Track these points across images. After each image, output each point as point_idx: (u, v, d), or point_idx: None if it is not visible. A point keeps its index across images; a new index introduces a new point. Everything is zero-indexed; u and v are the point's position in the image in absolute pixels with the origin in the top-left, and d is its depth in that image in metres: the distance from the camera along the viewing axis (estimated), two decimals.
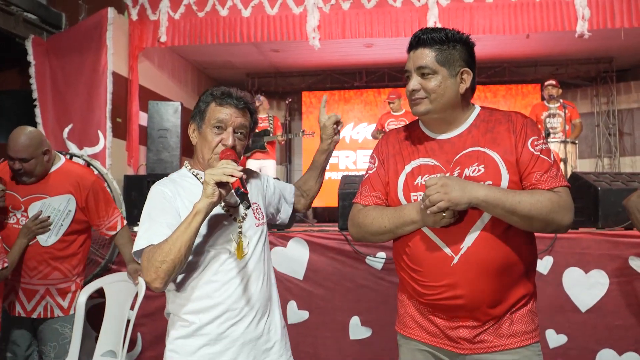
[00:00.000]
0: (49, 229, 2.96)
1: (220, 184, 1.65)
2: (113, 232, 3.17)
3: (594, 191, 3.59)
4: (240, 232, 1.84)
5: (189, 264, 1.77)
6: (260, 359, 1.86)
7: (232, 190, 1.67)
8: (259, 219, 1.94)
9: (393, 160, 1.87)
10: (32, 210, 2.95)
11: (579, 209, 3.71)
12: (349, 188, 3.74)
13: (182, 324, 1.82)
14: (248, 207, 1.65)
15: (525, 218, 1.62)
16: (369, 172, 1.93)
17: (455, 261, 1.67)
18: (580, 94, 9.22)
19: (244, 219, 1.87)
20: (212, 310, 1.80)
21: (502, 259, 1.67)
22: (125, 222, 3.23)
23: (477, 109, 1.84)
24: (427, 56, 1.75)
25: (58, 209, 2.97)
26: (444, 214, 1.63)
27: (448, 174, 1.73)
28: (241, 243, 1.82)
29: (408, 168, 1.81)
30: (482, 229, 1.67)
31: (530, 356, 1.73)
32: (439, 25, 5.42)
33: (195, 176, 1.89)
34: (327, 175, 2.60)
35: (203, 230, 1.77)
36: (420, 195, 1.73)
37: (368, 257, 3.55)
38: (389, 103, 7.29)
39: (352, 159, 9.33)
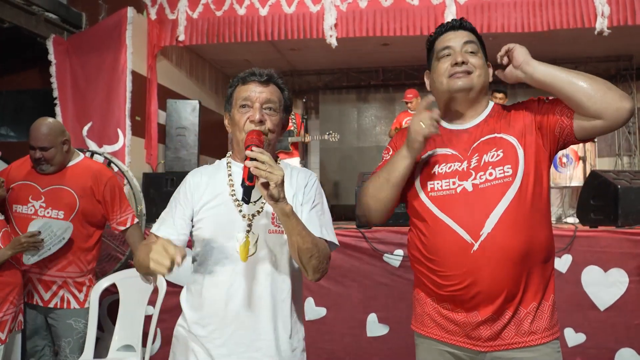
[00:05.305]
0: (37, 250, 2.96)
1: None
2: (122, 228, 3.27)
3: (614, 189, 3.56)
4: (248, 231, 1.73)
5: (201, 258, 1.78)
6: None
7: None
8: (277, 225, 1.74)
9: None
10: (33, 227, 2.99)
11: (598, 207, 3.68)
12: None
13: (185, 312, 1.82)
14: (246, 202, 1.54)
15: (587, 83, 1.61)
16: (383, 159, 1.95)
17: (475, 248, 1.66)
18: None
19: (253, 216, 1.75)
20: (208, 308, 1.74)
21: (523, 246, 1.66)
22: (136, 220, 3.32)
23: (492, 103, 1.88)
24: (472, 37, 1.82)
25: (55, 233, 3.00)
26: (425, 121, 1.67)
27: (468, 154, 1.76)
28: (247, 243, 1.71)
29: (425, 157, 1.82)
30: (502, 213, 1.66)
31: (550, 353, 1.72)
32: None
33: (227, 165, 1.85)
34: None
35: (212, 225, 1.75)
36: (437, 183, 1.76)
37: (385, 254, 3.56)
38: (406, 102, 7.24)
39: None
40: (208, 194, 1.78)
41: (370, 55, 8.40)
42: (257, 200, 1.76)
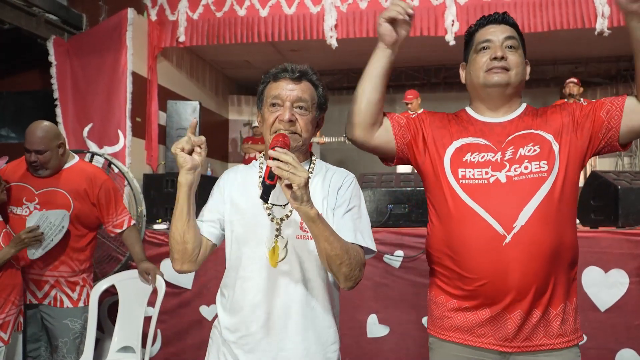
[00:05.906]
0: (40, 243, 2.95)
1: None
2: (119, 230, 3.29)
3: (614, 190, 3.55)
4: (277, 235, 1.64)
5: (232, 262, 1.73)
6: None
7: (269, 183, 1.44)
8: (305, 230, 1.63)
9: (439, 133, 1.84)
10: (31, 221, 2.98)
11: (599, 207, 3.68)
12: (368, 187, 3.75)
13: (218, 315, 1.78)
14: (265, 201, 1.44)
15: None
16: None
17: (507, 240, 1.62)
18: (600, 92, 9.11)
19: (282, 220, 1.66)
20: (238, 314, 1.69)
21: (554, 243, 1.64)
22: (132, 222, 3.34)
23: (525, 104, 1.86)
24: (513, 32, 1.79)
25: (53, 223, 2.99)
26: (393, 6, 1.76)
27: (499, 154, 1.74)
28: (276, 248, 1.63)
29: (457, 144, 1.79)
30: (535, 208, 1.63)
31: (573, 358, 1.70)
32: (457, 24, 5.41)
33: (260, 165, 1.78)
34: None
35: (242, 228, 1.69)
36: (468, 171, 1.72)
37: (386, 255, 3.55)
38: (407, 104, 7.13)
39: None
40: (239, 193, 1.72)
41: (369, 56, 8.39)
42: (286, 204, 1.67)
